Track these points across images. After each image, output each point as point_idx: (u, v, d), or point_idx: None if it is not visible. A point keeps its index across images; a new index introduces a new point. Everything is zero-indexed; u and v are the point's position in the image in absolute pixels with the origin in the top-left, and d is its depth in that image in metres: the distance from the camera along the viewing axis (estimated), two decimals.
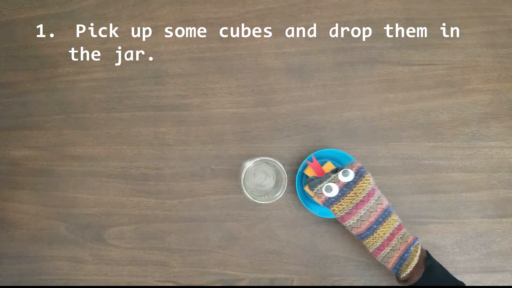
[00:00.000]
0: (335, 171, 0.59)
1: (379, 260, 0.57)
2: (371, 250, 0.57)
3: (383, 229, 0.56)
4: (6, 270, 0.69)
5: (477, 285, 0.65)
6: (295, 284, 0.66)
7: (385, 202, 0.57)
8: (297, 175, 0.64)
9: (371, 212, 0.56)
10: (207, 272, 0.67)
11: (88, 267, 0.68)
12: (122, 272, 0.68)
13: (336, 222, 0.65)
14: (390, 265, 0.56)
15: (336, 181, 0.57)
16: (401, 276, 0.55)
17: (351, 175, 0.57)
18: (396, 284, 0.58)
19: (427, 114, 0.66)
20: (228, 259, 0.67)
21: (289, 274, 0.66)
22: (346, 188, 0.57)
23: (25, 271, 0.69)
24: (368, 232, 0.56)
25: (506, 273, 0.65)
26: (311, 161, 0.62)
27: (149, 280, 0.67)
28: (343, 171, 0.57)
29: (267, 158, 0.58)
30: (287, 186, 0.59)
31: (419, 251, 0.55)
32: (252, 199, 0.59)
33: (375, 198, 0.57)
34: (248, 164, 0.59)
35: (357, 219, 0.56)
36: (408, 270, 0.54)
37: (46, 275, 0.68)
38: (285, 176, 0.59)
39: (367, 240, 0.57)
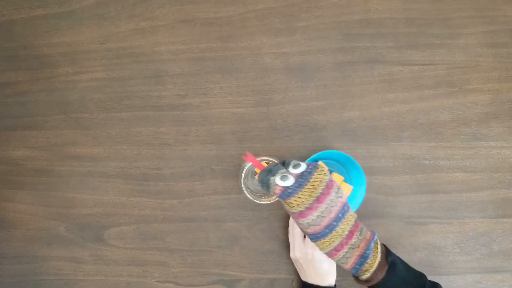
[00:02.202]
0: (283, 163, 0.50)
1: (335, 260, 0.50)
2: (325, 251, 0.49)
3: (342, 227, 0.48)
4: (5, 270, 0.69)
5: (478, 285, 0.65)
6: (295, 284, 0.66)
7: (344, 196, 0.50)
8: None
9: (332, 206, 0.48)
10: (207, 272, 0.67)
11: (88, 267, 0.68)
12: (122, 273, 0.67)
13: None
14: (348, 265, 0.49)
15: (289, 173, 0.48)
16: (363, 277, 0.49)
17: (303, 166, 0.48)
18: None
19: (427, 114, 0.66)
20: (228, 259, 0.67)
21: (289, 274, 0.66)
22: (302, 179, 0.48)
23: (24, 271, 0.68)
24: (326, 230, 0.48)
25: (507, 273, 0.65)
26: (261, 161, 0.54)
27: (148, 280, 0.67)
28: (294, 164, 0.48)
29: (267, 158, 0.58)
30: None
31: (379, 247, 0.49)
32: (252, 199, 0.59)
33: (335, 191, 0.48)
34: (248, 164, 0.59)
35: (318, 215, 0.47)
36: (372, 270, 0.48)
37: (45, 275, 0.68)
38: None
39: (322, 240, 0.48)
